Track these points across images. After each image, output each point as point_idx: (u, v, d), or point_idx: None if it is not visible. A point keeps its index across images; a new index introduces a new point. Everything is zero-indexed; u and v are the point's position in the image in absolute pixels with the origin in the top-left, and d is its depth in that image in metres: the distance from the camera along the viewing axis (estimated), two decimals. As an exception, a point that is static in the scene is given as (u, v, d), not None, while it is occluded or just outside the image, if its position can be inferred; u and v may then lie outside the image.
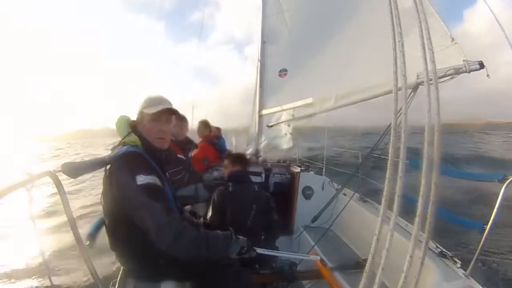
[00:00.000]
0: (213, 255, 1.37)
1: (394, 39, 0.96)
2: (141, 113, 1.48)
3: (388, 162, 0.89)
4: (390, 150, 0.91)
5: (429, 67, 0.90)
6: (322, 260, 1.95)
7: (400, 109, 0.95)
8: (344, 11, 2.96)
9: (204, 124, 3.89)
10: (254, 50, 3.89)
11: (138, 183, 1.25)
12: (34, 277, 4.01)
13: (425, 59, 0.90)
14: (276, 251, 1.64)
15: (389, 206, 0.92)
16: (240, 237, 1.47)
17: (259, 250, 1.56)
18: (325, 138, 5.07)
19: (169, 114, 1.49)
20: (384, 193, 0.89)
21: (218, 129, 4.70)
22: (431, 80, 0.89)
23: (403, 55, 0.94)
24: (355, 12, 2.83)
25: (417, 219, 0.83)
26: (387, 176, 0.89)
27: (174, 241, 1.24)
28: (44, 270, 4.00)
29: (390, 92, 2.19)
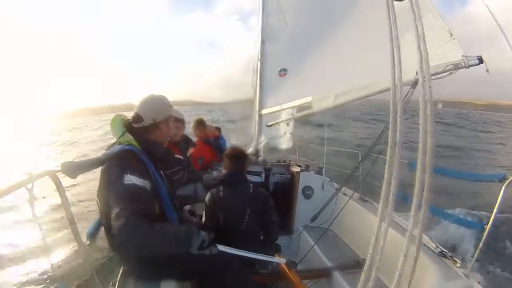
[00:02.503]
0: (173, 250, 1.36)
1: (391, 37, 0.96)
2: (167, 116, 1.55)
3: (386, 163, 0.89)
4: (388, 149, 0.90)
5: (423, 65, 0.90)
6: (288, 263, 1.91)
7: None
8: (343, 10, 2.98)
9: (199, 123, 3.85)
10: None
11: (124, 182, 1.25)
12: (34, 276, 4.02)
13: (421, 58, 0.90)
14: (240, 250, 1.59)
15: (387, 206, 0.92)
16: (202, 232, 1.45)
17: (221, 247, 1.50)
18: (325, 138, 5.05)
19: None
20: (382, 193, 0.89)
21: (218, 128, 4.67)
22: (424, 78, 0.89)
23: (399, 52, 0.93)
24: (354, 12, 2.84)
25: (412, 217, 0.84)
26: (385, 176, 0.89)
27: (127, 239, 1.21)
28: (44, 269, 4.00)
29: (386, 90, 2.21)
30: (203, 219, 2.18)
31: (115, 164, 1.32)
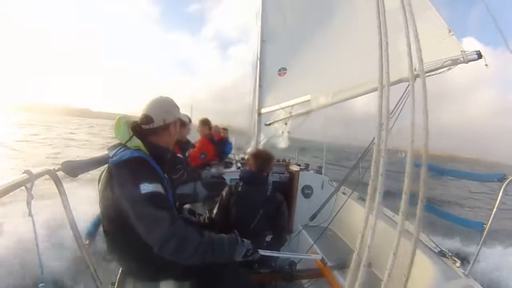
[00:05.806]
0: (218, 259, 1.37)
1: (380, 33, 0.95)
2: (176, 118, 1.51)
3: (372, 162, 0.89)
4: (375, 150, 0.89)
5: (415, 62, 0.87)
6: (323, 259, 1.94)
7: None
8: (342, 9, 2.98)
9: (204, 123, 3.92)
10: (239, 51, 3.91)
11: (142, 192, 1.21)
12: (33, 276, 3.99)
13: (410, 53, 0.88)
14: (277, 252, 1.66)
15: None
16: (245, 240, 1.48)
17: (262, 252, 1.56)
18: (324, 139, 5.07)
19: None
20: (369, 190, 0.89)
21: (225, 130, 4.68)
22: (417, 75, 0.87)
23: (387, 48, 0.92)
24: (353, 10, 2.85)
25: (400, 215, 0.83)
26: (371, 174, 0.88)
27: (178, 249, 1.22)
28: (43, 269, 3.97)
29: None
30: (215, 210, 2.20)
31: (128, 172, 1.27)
